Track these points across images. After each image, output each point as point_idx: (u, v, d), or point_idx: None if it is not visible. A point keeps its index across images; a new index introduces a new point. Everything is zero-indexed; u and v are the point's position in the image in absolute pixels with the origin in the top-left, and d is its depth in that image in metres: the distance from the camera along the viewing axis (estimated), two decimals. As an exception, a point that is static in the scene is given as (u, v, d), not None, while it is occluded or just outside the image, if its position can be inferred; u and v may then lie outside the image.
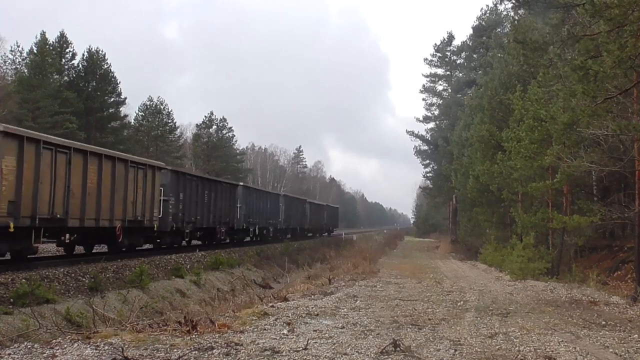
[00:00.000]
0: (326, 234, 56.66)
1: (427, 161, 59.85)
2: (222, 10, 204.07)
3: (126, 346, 6.46)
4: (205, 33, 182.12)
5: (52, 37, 45.38)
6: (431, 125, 58.37)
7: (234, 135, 65.82)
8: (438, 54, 56.49)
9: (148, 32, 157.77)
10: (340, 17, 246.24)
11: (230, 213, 28.89)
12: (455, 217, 49.54)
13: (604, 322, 9.68)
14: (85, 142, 25.57)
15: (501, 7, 44.17)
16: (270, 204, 36.41)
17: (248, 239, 33.36)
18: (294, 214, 43.32)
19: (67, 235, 16.96)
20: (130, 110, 56.31)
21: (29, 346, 6.55)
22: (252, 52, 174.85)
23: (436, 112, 57.55)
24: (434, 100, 57.93)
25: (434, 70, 57.45)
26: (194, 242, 26.47)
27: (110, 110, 49.22)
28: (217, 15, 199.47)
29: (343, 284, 15.39)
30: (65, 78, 45.88)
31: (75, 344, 6.67)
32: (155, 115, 54.70)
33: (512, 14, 34.14)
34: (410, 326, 8.73)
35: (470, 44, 51.30)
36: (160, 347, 6.62)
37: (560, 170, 18.06)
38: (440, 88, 57.64)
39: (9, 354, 6.22)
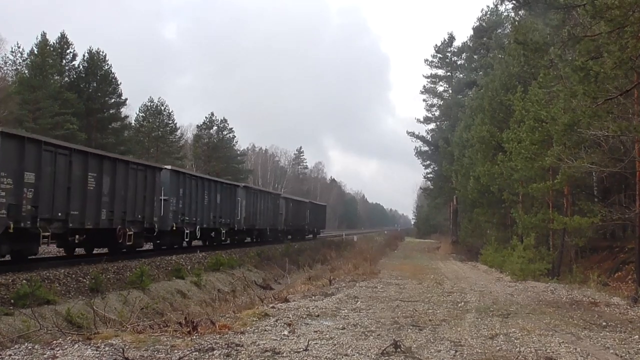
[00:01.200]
0: (311, 236, 49.04)
1: (428, 162, 59.84)
2: (221, 10, 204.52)
3: (127, 347, 6.46)
4: (204, 33, 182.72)
5: (52, 38, 45.50)
6: (432, 126, 58.41)
7: (235, 136, 65.91)
8: (439, 55, 56.48)
9: (147, 33, 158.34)
10: (340, 16, 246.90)
11: (147, 208, 19.55)
12: (455, 218, 49.56)
13: (604, 323, 9.68)
14: (86, 144, 25.54)
15: (502, 8, 44.25)
16: (221, 198, 27.11)
17: (195, 243, 25.93)
18: (262, 212, 34.08)
19: None
20: (131, 111, 56.49)
21: (29, 347, 6.55)
22: (251, 52, 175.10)
23: (437, 113, 57.53)
24: (435, 101, 57.93)
25: (434, 71, 57.47)
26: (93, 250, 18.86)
27: (111, 111, 49.20)
28: (216, 16, 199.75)
29: (344, 284, 15.39)
30: (66, 79, 45.89)
31: (76, 345, 6.67)
32: (156, 116, 54.71)
33: (512, 14, 34.17)
34: (411, 327, 8.73)
35: (471, 45, 51.28)
36: (160, 348, 6.63)
37: (560, 171, 18.07)
38: (440, 89, 57.65)
39: (10, 355, 6.22)
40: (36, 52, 42.25)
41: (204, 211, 24.97)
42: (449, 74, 56.48)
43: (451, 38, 56.20)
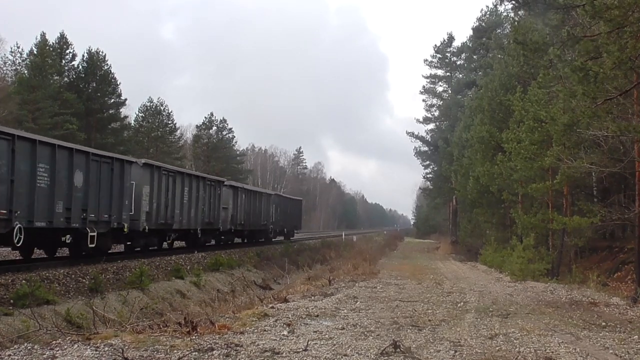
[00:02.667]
0: (281, 237, 39.45)
1: (427, 162, 59.84)
2: (220, 10, 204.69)
3: (126, 347, 6.46)
4: (203, 33, 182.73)
5: (52, 38, 45.49)
6: (431, 126, 58.40)
7: (234, 136, 65.94)
8: (438, 55, 56.48)
9: (146, 33, 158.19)
10: (339, 16, 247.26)
11: None
12: (455, 218, 49.56)
13: (604, 323, 9.69)
14: (86, 144, 25.51)
15: (501, 8, 44.20)
16: (90, 180, 15.98)
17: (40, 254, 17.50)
18: (187, 206, 22.74)
19: None
20: (130, 111, 56.36)
21: (29, 347, 6.55)
22: (250, 52, 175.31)
23: (436, 113, 57.52)
24: (434, 101, 57.95)
25: (434, 71, 57.47)
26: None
27: (111, 112, 49.21)
28: (214, 15, 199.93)
29: (343, 285, 15.39)
30: (66, 79, 45.88)
31: (75, 345, 6.67)
32: (155, 116, 54.72)
33: (512, 15, 34.17)
34: (411, 327, 8.73)
35: (470, 45, 51.28)
36: (160, 348, 6.62)
37: (560, 171, 18.07)
38: (440, 89, 57.66)
39: (9, 355, 6.21)
40: (35, 52, 42.24)
41: (36, 200, 13.90)
42: (448, 74, 56.49)
43: (450, 38, 56.24)
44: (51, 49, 43.99)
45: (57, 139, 17.33)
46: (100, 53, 47.26)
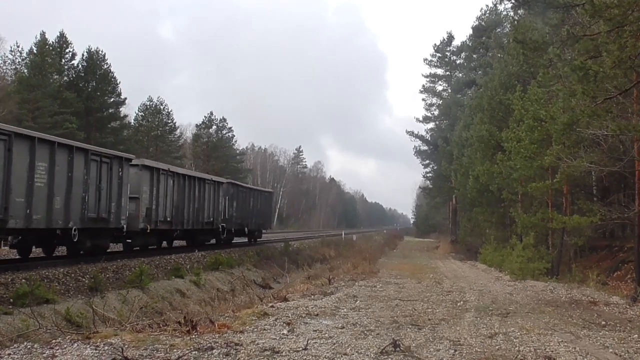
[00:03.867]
0: (244, 240, 32.01)
1: (427, 161, 59.93)
2: (218, 9, 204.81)
3: (126, 346, 6.45)
4: (201, 33, 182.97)
5: (51, 37, 45.44)
6: (431, 125, 58.48)
7: (234, 136, 65.95)
8: (438, 54, 56.51)
9: (145, 33, 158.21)
10: (337, 15, 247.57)
11: None
12: (455, 217, 49.59)
13: (603, 322, 9.69)
14: (85, 142, 25.41)
15: (501, 7, 44.27)
16: None
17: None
18: (48, 192, 13.91)
19: None
20: (130, 111, 56.38)
21: (28, 346, 6.54)
22: (249, 51, 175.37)
23: (436, 112, 57.59)
24: (434, 100, 58.00)
25: (433, 70, 57.54)
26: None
27: (110, 111, 49.23)
28: (213, 15, 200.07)
29: (343, 284, 15.39)
30: (65, 78, 45.87)
31: (75, 344, 6.66)
32: (155, 115, 54.76)
33: (511, 14, 34.20)
34: (410, 326, 8.73)
35: (470, 44, 51.32)
36: (160, 347, 6.62)
37: (560, 170, 18.08)
38: (440, 88, 57.72)
39: (9, 354, 6.21)
40: (35, 52, 42.20)
41: None
42: (448, 73, 56.52)
43: (450, 37, 56.29)
44: (51, 48, 43.96)
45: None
46: (100, 52, 47.32)
